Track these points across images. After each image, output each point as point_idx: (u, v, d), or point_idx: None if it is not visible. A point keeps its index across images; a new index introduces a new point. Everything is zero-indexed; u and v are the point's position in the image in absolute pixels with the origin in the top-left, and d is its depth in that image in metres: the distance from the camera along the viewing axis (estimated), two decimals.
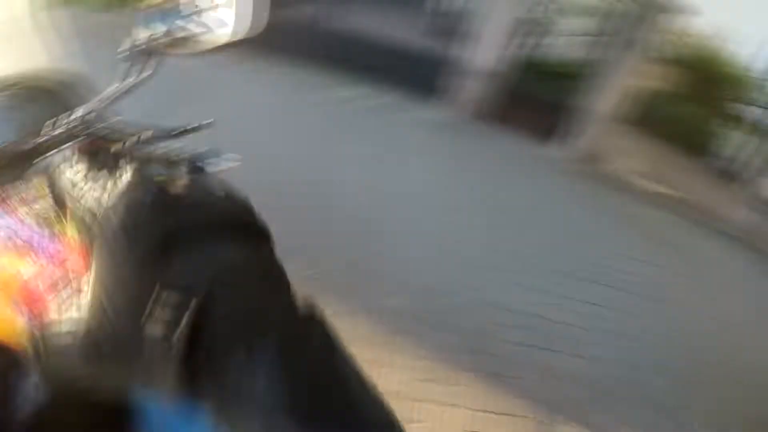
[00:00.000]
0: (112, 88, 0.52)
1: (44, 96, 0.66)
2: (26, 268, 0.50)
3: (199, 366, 0.36)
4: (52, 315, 0.45)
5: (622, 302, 2.64)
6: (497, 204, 3.39)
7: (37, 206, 0.52)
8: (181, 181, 0.50)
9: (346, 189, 2.79)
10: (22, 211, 0.52)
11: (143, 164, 0.50)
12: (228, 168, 0.53)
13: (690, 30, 5.93)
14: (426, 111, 4.58)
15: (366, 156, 3.33)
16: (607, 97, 5.16)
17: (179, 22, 0.50)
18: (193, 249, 0.43)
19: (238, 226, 0.49)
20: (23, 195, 0.52)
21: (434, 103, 4.74)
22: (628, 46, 4.94)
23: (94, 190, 0.48)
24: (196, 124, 0.57)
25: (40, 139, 0.52)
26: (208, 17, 0.48)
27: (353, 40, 4.47)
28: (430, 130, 4.29)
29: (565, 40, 5.11)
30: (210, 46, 0.49)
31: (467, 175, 3.71)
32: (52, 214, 0.50)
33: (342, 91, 4.19)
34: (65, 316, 0.43)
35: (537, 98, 5.15)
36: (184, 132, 0.56)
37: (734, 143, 6.33)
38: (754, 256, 4.72)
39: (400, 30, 4.55)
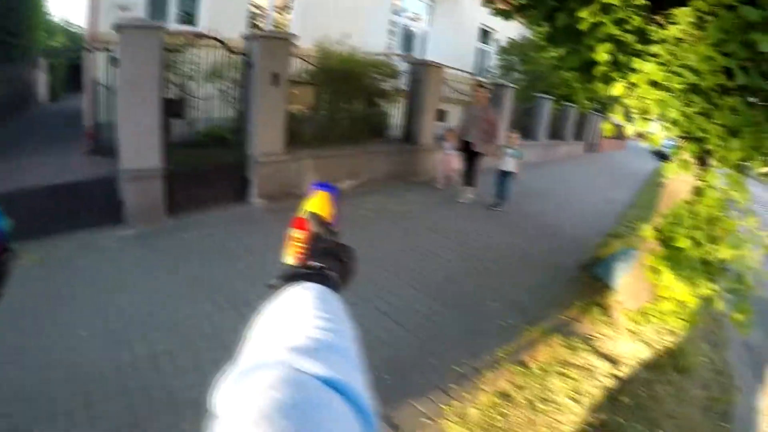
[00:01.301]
0: None
1: None
2: None
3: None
4: None
5: None
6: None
7: None
8: None
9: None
10: None
11: None
12: None
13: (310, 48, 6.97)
14: (120, 231, 4.61)
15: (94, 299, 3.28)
16: (268, 135, 5.69)
17: None
18: None
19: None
20: None
21: (123, 221, 4.76)
22: (266, 84, 5.39)
23: None
24: None
25: None
26: None
27: (16, 198, 4.27)
28: (132, 245, 4.38)
29: (206, 105, 5.40)
30: None
31: (186, 267, 3.99)
32: None
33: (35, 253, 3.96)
34: None
35: (211, 168, 5.49)
36: None
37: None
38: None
39: (60, 172, 4.47)
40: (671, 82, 2.65)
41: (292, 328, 0.51)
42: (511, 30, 16.24)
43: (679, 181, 3.80)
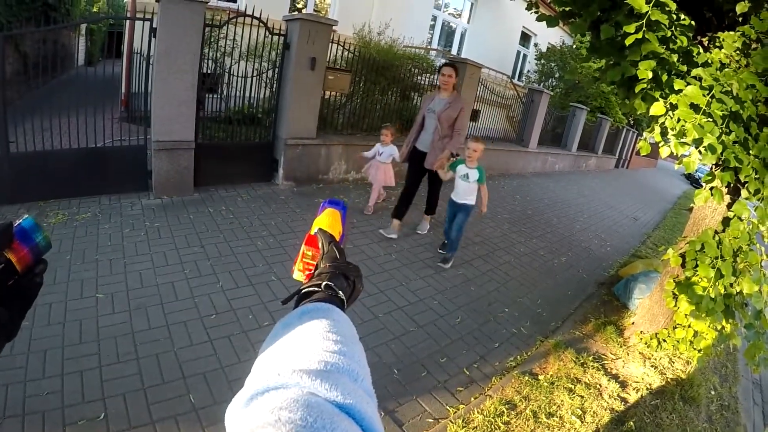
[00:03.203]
0: None
1: None
2: None
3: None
4: None
5: None
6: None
7: None
8: None
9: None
10: None
11: None
12: None
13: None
14: (145, 199, 4.73)
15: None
16: (300, 118, 5.69)
17: None
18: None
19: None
20: None
21: (149, 189, 4.87)
22: (303, 67, 5.42)
23: None
24: None
25: None
26: None
27: (48, 159, 4.30)
28: (156, 213, 4.45)
29: (241, 83, 5.36)
30: None
31: (208, 240, 4.07)
32: None
33: (59, 215, 4.10)
34: None
35: (241, 146, 5.54)
36: None
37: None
38: None
39: (92, 136, 4.46)
40: (711, 108, 2.58)
41: (304, 350, 0.51)
42: (552, 35, 16.05)
43: (708, 208, 3.70)
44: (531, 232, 6.59)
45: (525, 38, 15.73)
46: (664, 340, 3.83)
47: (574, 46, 14.79)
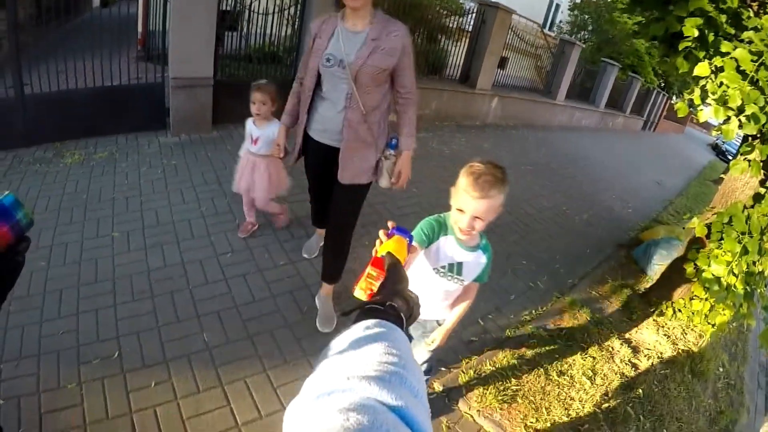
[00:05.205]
0: None
1: None
2: None
3: None
4: None
5: None
6: None
7: None
8: None
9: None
10: None
11: None
12: None
13: None
14: (162, 137, 4.66)
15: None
16: None
17: None
18: None
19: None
20: None
21: (167, 127, 4.79)
22: (327, 4, 4.90)
23: None
24: None
25: None
26: None
27: (64, 99, 4.19)
28: (174, 151, 4.41)
29: (263, 21, 5.14)
30: None
31: (225, 179, 3.90)
32: None
33: (75, 154, 4.07)
34: None
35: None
36: None
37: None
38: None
39: (108, 75, 4.34)
40: (759, 74, 2.41)
41: (369, 360, 0.53)
42: None
43: (740, 181, 3.54)
44: (554, 186, 6.44)
45: None
46: (680, 310, 3.78)
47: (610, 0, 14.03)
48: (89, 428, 1.87)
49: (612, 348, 3.25)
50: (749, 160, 2.84)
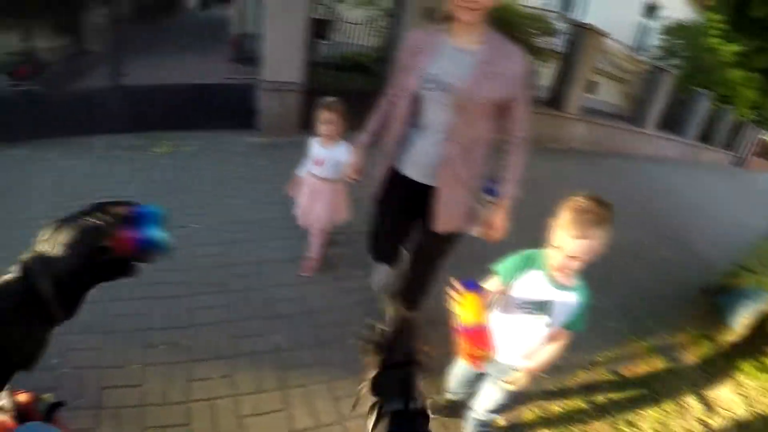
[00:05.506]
0: None
1: None
2: None
3: None
4: None
5: None
6: None
7: None
8: None
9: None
10: None
11: None
12: None
13: None
14: (249, 137, 4.84)
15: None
16: None
17: None
18: None
19: None
20: None
21: (254, 128, 4.97)
22: (419, 18, 5.09)
23: None
24: None
25: None
26: None
27: (158, 92, 4.47)
28: (258, 152, 4.62)
29: (353, 31, 5.27)
30: None
31: None
32: None
33: (164, 146, 4.29)
34: None
35: (350, 93, 5.15)
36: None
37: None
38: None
39: (203, 74, 4.63)
40: None
41: None
42: (680, 9, 14.39)
43: None
44: (637, 219, 6.13)
45: (651, 10, 14.24)
46: (761, 369, 3.47)
47: (706, 24, 13.19)
48: (145, 410, 1.94)
49: (686, 403, 3.04)
50: None
